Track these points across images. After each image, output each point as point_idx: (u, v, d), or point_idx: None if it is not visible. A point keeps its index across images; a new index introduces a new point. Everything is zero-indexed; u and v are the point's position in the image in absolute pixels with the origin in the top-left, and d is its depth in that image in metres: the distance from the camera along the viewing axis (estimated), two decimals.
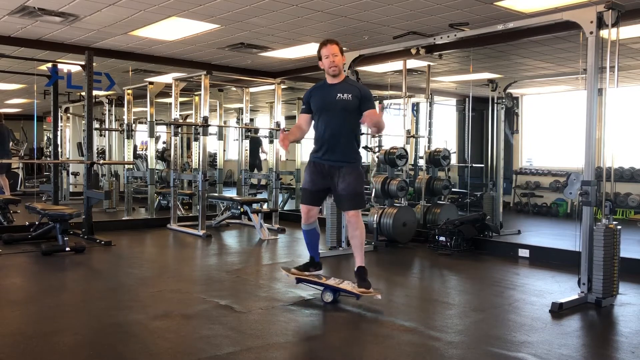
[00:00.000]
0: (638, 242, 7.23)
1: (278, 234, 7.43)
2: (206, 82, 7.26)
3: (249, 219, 7.48)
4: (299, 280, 4.24)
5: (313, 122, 4.19)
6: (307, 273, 4.22)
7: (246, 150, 9.85)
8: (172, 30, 6.76)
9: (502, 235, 7.24)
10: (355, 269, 4.07)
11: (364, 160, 7.44)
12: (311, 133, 4.29)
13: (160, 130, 12.01)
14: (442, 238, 6.26)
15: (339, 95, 4.03)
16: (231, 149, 13.99)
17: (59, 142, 10.03)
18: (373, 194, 6.95)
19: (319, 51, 4.12)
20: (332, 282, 4.11)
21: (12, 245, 6.09)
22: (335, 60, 4.03)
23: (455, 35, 5.22)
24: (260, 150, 13.16)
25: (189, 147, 11.03)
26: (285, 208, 9.82)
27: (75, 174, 11.87)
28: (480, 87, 8.95)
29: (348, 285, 4.03)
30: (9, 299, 4.18)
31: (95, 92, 7.63)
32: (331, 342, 3.34)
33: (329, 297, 4.01)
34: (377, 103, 10.17)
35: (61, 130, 11.20)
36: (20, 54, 7.77)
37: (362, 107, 4.05)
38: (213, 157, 10.69)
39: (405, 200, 6.90)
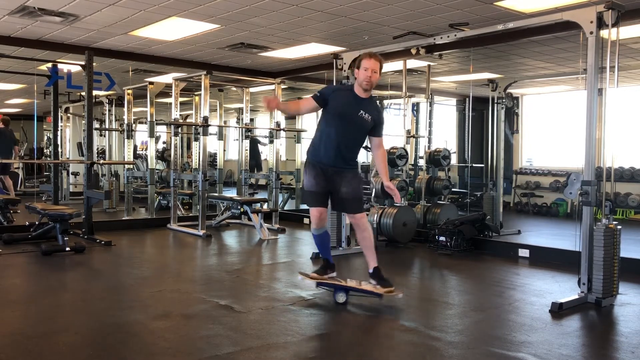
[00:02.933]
0: (638, 242, 7.23)
1: (278, 234, 7.43)
2: (206, 82, 7.26)
3: (249, 219, 7.48)
4: (319, 284, 4.17)
5: (321, 121, 4.15)
6: (326, 276, 4.17)
7: (246, 150, 9.85)
8: (172, 30, 6.76)
9: (502, 235, 7.24)
10: (372, 270, 4.09)
11: (363, 160, 7.47)
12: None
13: (160, 130, 12.01)
14: (442, 238, 6.26)
15: (361, 112, 4.01)
16: (231, 149, 13.99)
17: (59, 142, 10.03)
18: (373, 194, 6.95)
19: (360, 60, 4.03)
20: (352, 283, 4.12)
21: (12, 245, 6.09)
22: (372, 77, 3.97)
23: (455, 35, 5.22)
24: (259, 150, 13.17)
25: (189, 147, 11.03)
26: (285, 208, 9.82)
27: (75, 174, 11.87)
28: (480, 87, 8.94)
29: (369, 286, 4.05)
30: (9, 299, 4.18)
31: (95, 92, 7.63)
32: (331, 342, 3.34)
33: (341, 297, 4.00)
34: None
35: (61, 130, 11.20)
36: (20, 54, 7.77)
37: (374, 131, 4.13)
38: (213, 157, 10.69)
39: (405, 200, 6.90)
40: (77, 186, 11.61)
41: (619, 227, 4.06)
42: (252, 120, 11.69)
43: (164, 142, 12.59)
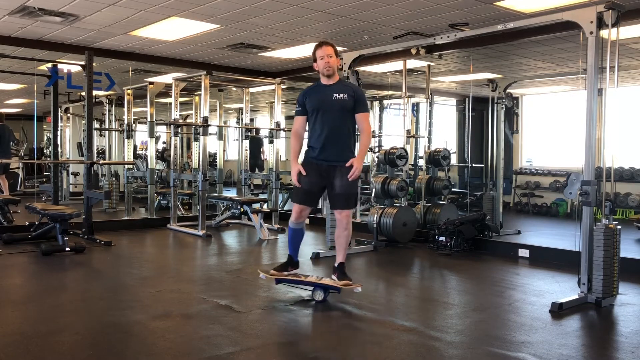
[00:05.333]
0: (638, 242, 7.24)
1: (278, 233, 7.43)
2: (206, 82, 7.27)
3: (249, 219, 7.48)
4: (278, 281, 4.25)
5: (308, 123, 4.22)
6: (285, 273, 4.24)
7: (246, 150, 9.85)
8: (172, 30, 6.76)
9: (502, 235, 7.23)
10: (337, 264, 4.16)
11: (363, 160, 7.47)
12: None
13: (160, 130, 12.01)
14: (442, 238, 6.26)
15: (335, 95, 4.07)
16: (231, 149, 13.99)
17: (59, 142, 10.03)
18: (373, 194, 6.95)
19: (313, 53, 4.17)
20: (312, 279, 4.16)
21: (12, 245, 6.09)
22: (330, 61, 4.08)
23: (455, 35, 5.22)
24: (260, 151, 13.17)
25: (189, 147, 11.03)
26: (285, 208, 9.82)
27: (75, 174, 11.87)
28: (480, 87, 8.95)
29: (329, 280, 4.11)
30: (9, 299, 4.18)
31: (95, 92, 7.62)
32: (331, 342, 3.34)
33: (319, 295, 4.04)
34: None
35: (61, 130, 11.21)
36: (20, 54, 7.77)
37: (356, 108, 4.11)
38: (213, 157, 10.69)
39: (405, 200, 6.90)
40: (77, 186, 11.62)
41: (619, 227, 4.06)
42: (252, 120, 11.69)
43: (163, 142, 12.59)
